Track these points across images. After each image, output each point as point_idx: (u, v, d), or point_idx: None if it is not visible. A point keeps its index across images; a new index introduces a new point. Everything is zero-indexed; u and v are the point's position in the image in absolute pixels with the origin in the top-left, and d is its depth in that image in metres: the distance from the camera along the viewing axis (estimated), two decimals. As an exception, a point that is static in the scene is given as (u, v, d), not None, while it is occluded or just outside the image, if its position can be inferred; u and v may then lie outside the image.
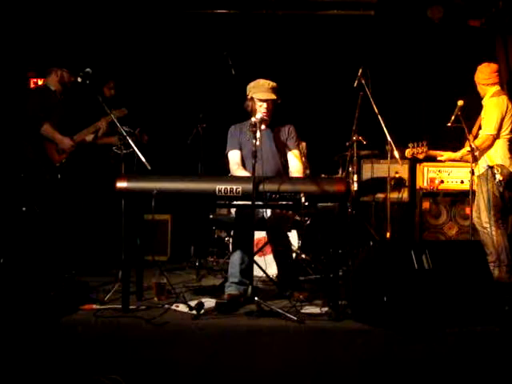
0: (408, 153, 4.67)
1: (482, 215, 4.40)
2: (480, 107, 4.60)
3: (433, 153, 4.72)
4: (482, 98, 4.58)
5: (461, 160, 4.71)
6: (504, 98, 4.45)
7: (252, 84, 4.02)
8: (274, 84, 3.99)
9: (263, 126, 4.02)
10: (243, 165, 4.09)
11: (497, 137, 4.42)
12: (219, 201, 3.53)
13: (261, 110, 3.93)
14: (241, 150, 4.08)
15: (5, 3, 5.20)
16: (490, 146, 4.43)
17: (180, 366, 2.95)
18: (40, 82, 5.33)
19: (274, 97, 3.95)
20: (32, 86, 5.47)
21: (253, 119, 3.45)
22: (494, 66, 4.56)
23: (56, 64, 4.73)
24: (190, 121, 5.13)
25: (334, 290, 3.38)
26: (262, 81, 4.00)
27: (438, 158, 4.74)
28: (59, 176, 4.54)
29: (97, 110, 4.81)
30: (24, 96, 4.75)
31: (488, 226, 4.35)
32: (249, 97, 4.01)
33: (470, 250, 3.39)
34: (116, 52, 6.01)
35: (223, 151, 4.20)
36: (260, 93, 3.95)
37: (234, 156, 4.09)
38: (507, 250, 4.34)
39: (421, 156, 4.69)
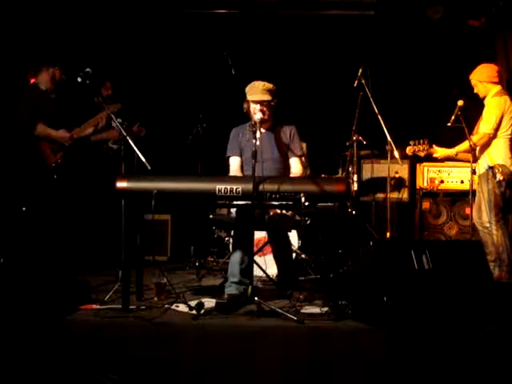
0: (409, 150, 4.65)
1: (483, 215, 4.39)
2: (480, 107, 4.59)
3: (431, 150, 4.70)
4: (482, 98, 4.57)
5: (456, 156, 4.67)
6: (506, 99, 4.44)
7: (248, 86, 4.01)
8: (270, 85, 3.95)
9: (264, 129, 4.03)
10: (243, 167, 4.10)
11: (493, 136, 4.41)
12: (219, 201, 3.53)
13: (255, 112, 3.89)
14: (241, 154, 4.10)
15: (3, 3, 5.20)
16: (486, 145, 4.42)
17: (180, 365, 2.95)
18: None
19: (266, 98, 3.92)
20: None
21: (253, 120, 3.45)
22: (495, 66, 4.59)
23: (52, 63, 4.63)
24: (190, 121, 5.14)
25: (334, 289, 3.38)
26: (257, 83, 3.98)
27: (434, 155, 4.70)
28: (55, 176, 4.50)
29: (93, 110, 4.81)
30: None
31: (489, 225, 4.35)
32: (245, 99, 4.01)
33: (470, 249, 3.38)
34: (116, 52, 6.01)
35: (223, 151, 4.21)
36: (253, 94, 3.94)
37: (233, 162, 4.13)
38: (508, 250, 4.33)
39: (422, 154, 4.66)
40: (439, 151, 4.64)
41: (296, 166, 4.09)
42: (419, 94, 6.19)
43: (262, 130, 3.99)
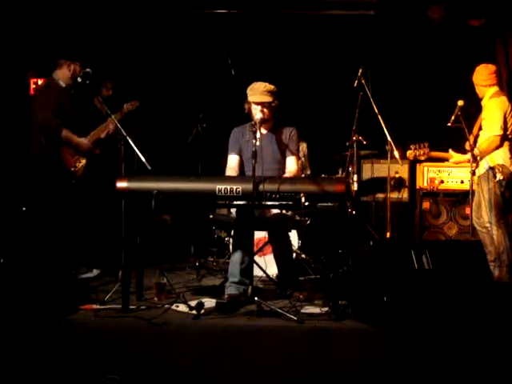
0: (410, 155, 4.63)
1: (483, 215, 4.38)
2: (480, 107, 4.59)
3: (439, 154, 4.67)
4: (481, 99, 4.56)
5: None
6: (504, 99, 4.42)
7: (249, 87, 4.00)
8: (271, 87, 3.94)
9: (264, 131, 4.03)
10: (243, 167, 4.10)
11: (505, 136, 4.33)
12: (219, 201, 3.53)
13: (256, 113, 3.90)
14: (241, 154, 4.09)
15: (4, 3, 5.20)
16: (498, 147, 4.34)
17: (180, 365, 2.95)
18: (39, 82, 5.27)
19: (267, 99, 3.91)
20: (32, 85, 5.42)
21: (253, 120, 3.45)
22: (491, 67, 4.53)
23: (72, 57, 4.49)
24: (190, 121, 5.13)
25: (334, 289, 3.38)
26: (258, 83, 3.97)
27: (450, 161, 4.68)
28: (73, 181, 4.47)
29: (93, 111, 4.80)
30: (25, 96, 4.66)
31: (489, 225, 4.34)
32: (247, 100, 4.01)
33: (470, 250, 3.39)
34: (116, 52, 6.01)
35: (223, 151, 4.21)
36: (254, 95, 3.93)
37: (230, 160, 4.11)
38: (508, 250, 4.33)
39: (423, 158, 4.64)
40: (455, 156, 4.61)
41: (292, 165, 4.06)
42: (419, 94, 6.18)
43: (263, 131, 3.99)
